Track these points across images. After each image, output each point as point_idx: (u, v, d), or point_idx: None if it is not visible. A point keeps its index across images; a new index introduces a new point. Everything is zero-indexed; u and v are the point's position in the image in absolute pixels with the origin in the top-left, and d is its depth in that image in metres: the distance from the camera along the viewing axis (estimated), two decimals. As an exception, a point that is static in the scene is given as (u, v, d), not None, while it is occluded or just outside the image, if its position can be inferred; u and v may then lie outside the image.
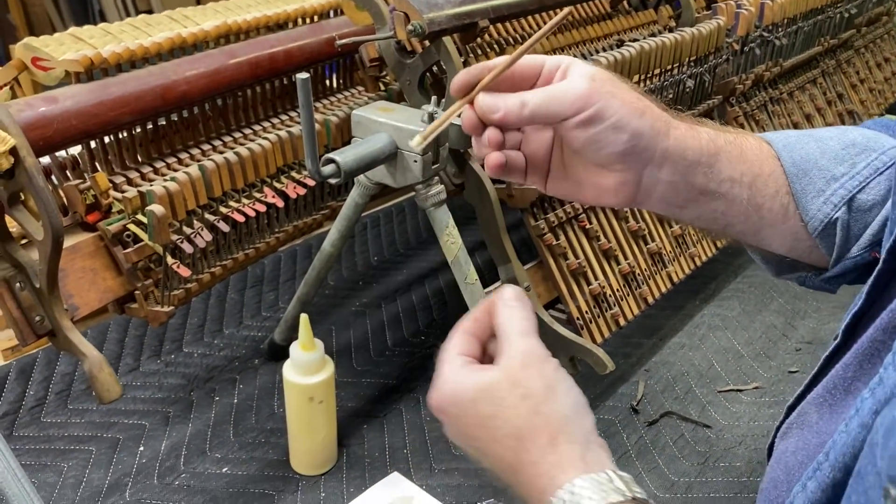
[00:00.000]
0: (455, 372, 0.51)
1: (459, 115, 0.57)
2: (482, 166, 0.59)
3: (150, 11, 4.25)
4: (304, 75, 0.68)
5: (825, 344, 1.11)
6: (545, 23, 1.06)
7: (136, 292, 0.83)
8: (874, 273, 0.51)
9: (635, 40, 1.11)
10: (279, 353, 1.05)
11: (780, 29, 1.34)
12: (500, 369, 0.50)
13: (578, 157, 0.58)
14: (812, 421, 0.55)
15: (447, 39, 0.86)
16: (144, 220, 0.81)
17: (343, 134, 1.01)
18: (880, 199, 0.61)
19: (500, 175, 0.60)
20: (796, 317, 1.17)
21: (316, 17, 1.05)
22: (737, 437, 0.94)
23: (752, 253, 0.70)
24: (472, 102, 0.55)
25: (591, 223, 0.98)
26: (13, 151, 0.68)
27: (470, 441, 0.52)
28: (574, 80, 0.54)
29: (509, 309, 0.53)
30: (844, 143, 0.63)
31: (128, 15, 3.98)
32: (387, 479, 0.85)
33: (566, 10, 0.53)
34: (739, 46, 1.25)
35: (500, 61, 0.55)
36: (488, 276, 0.92)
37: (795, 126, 1.45)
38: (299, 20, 1.03)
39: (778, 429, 0.61)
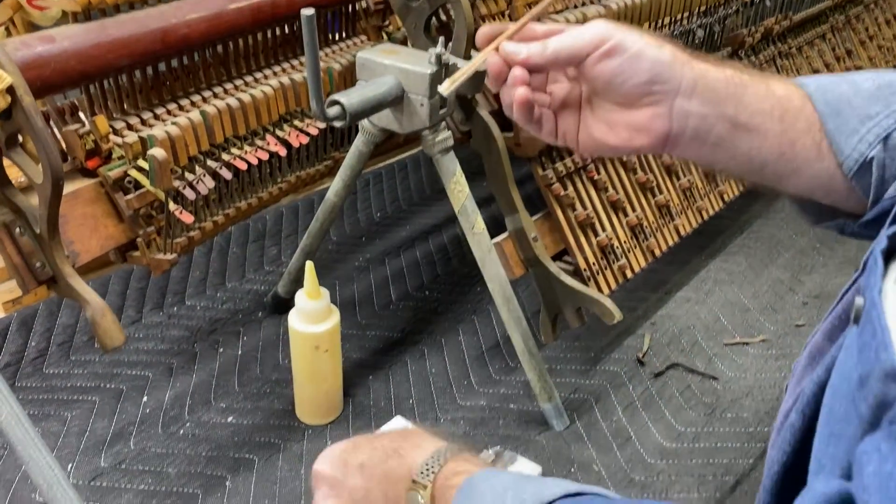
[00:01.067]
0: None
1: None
2: (509, 114, 0.58)
3: None
4: (308, 11, 0.66)
5: (832, 298, 1.10)
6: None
7: (138, 240, 0.82)
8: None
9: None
10: (283, 306, 1.04)
11: (790, -20, 1.31)
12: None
13: (606, 99, 0.57)
14: (825, 350, 0.55)
15: (454, -19, 0.84)
16: (145, 165, 0.79)
17: (346, 82, 0.99)
18: None
19: (529, 121, 0.58)
20: (803, 271, 1.17)
21: (318, -37, 1.03)
22: (744, 388, 0.93)
23: (790, 202, 0.68)
24: (496, 50, 0.56)
25: (599, 174, 0.97)
26: (10, 90, 0.66)
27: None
28: (592, 23, 0.55)
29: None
30: (878, 84, 0.62)
31: None
32: (391, 423, 0.84)
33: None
34: (749, -2, 1.22)
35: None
36: (494, 233, 0.91)
37: (804, 81, 1.43)
38: (301, -35, 1.00)
39: (800, 376, 0.60)
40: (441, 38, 0.78)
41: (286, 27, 0.98)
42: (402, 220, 1.29)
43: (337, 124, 0.74)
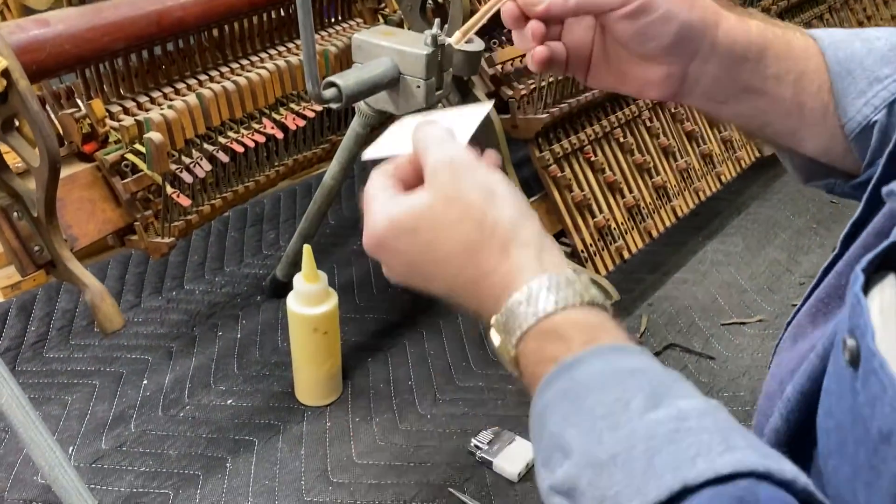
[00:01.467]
0: (385, 205, 0.47)
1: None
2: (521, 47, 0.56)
3: None
4: (303, -8, 0.66)
5: (829, 278, 1.11)
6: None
7: (136, 224, 0.82)
8: (873, 179, 0.49)
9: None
10: (281, 290, 1.05)
11: (788, -40, 1.30)
12: (429, 188, 0.47)
13: (623, 50, 0.56)
14: (807, 332, 0.55)
15: (450, -38, 0.84)
16: (142, 149, 0.79)
17: (342, 64, 0.98)
18: None
19: (543, 69, 0.58)
20: (800, 252, 1.17)
21: (314, -56, 1.02)
22: (740, 368, 0.94)
23: (782, 158, 0.68)
24: None
25: (596, 155, 0.97)
26: (5, 73, 0.66)
27: (416, 270, 0.48)
28: None
29: (424, 126, 0.50)
30: (892, 45, 0.61)
31: None
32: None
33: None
34: (746, -23, 1.22)
35: None
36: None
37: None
38: (296, -53, 1.00)
39: (777, 346, 0.60)
40: (437, 20, 0.78)
41: (282, 10, 0.98)
42: (399, 203, 1.29)
43: (333, 106, 0.74)
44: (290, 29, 1.02)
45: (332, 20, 1.08)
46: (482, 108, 0.54)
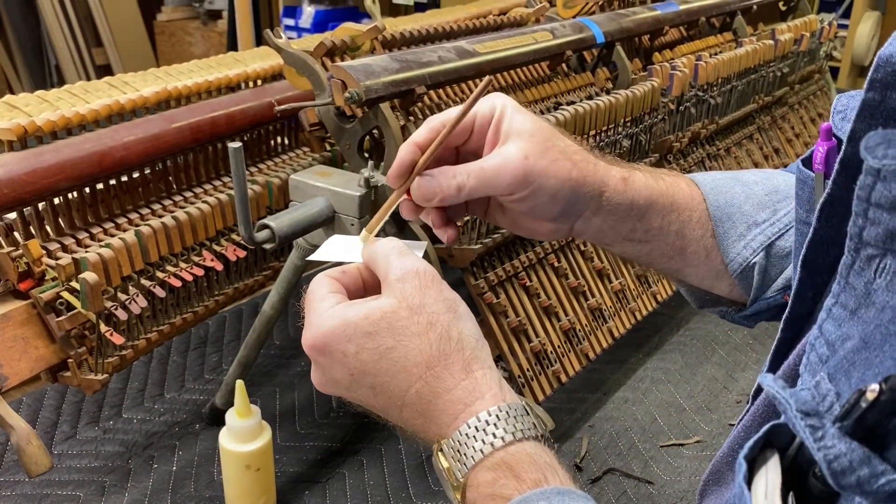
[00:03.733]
0: (335, 307, 0.47)
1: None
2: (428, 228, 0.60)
3: (107, 66, 4.18)
4: (235, 144, 0.69)
5: (764, 396, 1.13)
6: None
7: (70, 360, 0.82)
8: (775, 342, 0.52)
9: (572, 103, 1.14)
10: (220, 418, 1.03)
11: (714, 88, 1.39)
12: (392, 295, 0.46)
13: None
14: (727, 479, 0.57)
15: (384, 105, 0.88)
16: (78, 287, 0.80)
17: (286, 195, 1.01)
18: None
19: (452, 242, 0.61)
20: (737, 369, 1.20)
21: (259, 82, 1.07)
22: (678, 492, 0.94)
23: (677, 285, 0.72)
24: (408, 191, 0.56)
25: (531, 280, 1.00)
26: (-62, 222, 0.67)
27: (362, 379, 0.47)
28: (509, 158, 0.54)
29: (381, 241, 0.50)
30: (768, 189, 0.67)
31: (84, 69, 3.97)
32: (329, 243, 0.72)
33: (486, 79, 0.54)
34: (675, 106, 1.29)
35: (425, 139, 0.56)
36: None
37: (733, 181, 1.50)
38: (242, 85, 1.04)
39: (701, 491, 0.62)
40: (371, 163, 0.81)
41: (227, 141, 1.02)
42: (346, 322, 1.30)
43: (267, 247, 0.76)
44: (235, 159, 1.05)
45: (279, 149, 1.12)
46: (420, 246, 0.56)
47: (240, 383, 0.80)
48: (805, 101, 1.90)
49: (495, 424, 0.44)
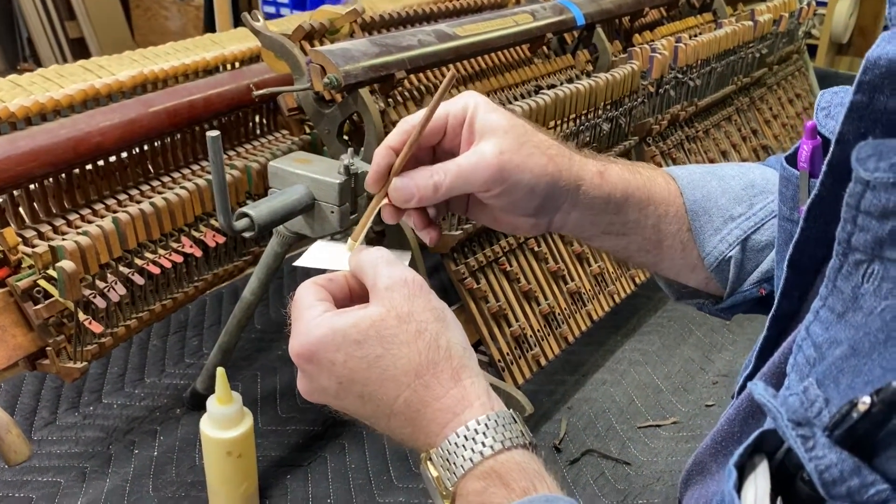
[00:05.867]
0: (323, 315, 0.47)
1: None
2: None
3: (81, 39, 4.10)
4: (213, 133, 0.68)
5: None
6: (466, 72, 1.08)
7: (48, 348, 0.82)
8: (760, 339, 0.53)
9: (552, 86, 1.14)
10: (201, 403, 1.03)
11: (693, 70, 1.39)
12: (381, 304, 0.47)
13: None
14: (712, 470, 0.58)
15: (364, 91, 0.88)
16: (55, 275, 0.79)
17: (265, 180, 1.01)
18: (773, 240, 0.64)
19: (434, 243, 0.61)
20: (713, 350, 1.21)
21: (237, 64, 1.06)
22: (655, 473, 0.96)
23: (656, 277, 0.73)
24: (387, 195, 0.56)
25: (511, 266, 1.00)
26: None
27: (350, 388, 0.47)
28: (484, 155, 0.54)
29: (368, 250, 0.50)
30: (744, 184, 0.67)
31: (58, 42, 3.90)
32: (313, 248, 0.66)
33: (450, 73, 0.54)
34: (654, 88, 1.29)
35: (399, 140, 0.56)
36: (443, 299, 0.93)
37: (711, 163, 1.51)
38: (220, 67, 1.03)
39: (685, 480, 0.63)
40: (350, 149, 0.81)
41: (205, 124, 1.01)
42: (327, 305, 1.30)
43: (246, 235, 0.76)
44: (213, 143, 1.04)
45: (258, 132, 1.11)
46: (406, 255, 0.57)
47: (220, 370, 0.80)
48: (783, 81, 1.91)
49: (484, 433, 0.45)
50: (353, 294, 0.52)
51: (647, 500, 0.92)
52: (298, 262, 0.56)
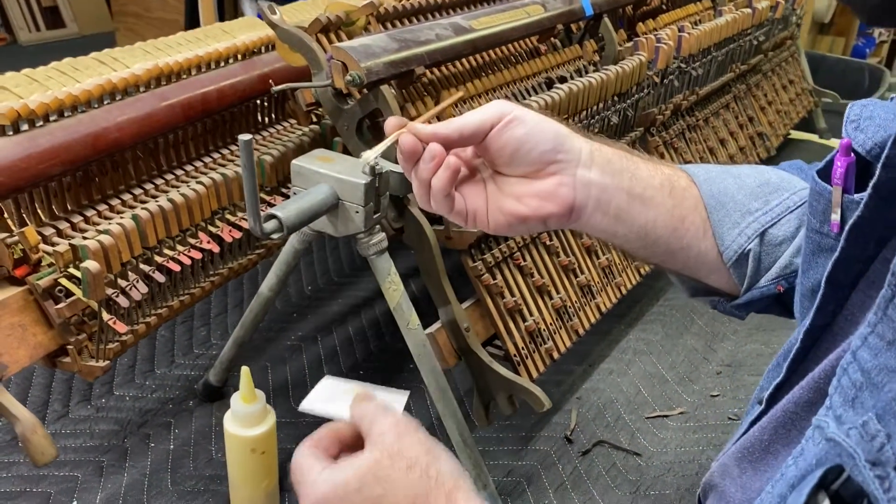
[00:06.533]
0: (325, 470, 0.51)
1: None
2: (420, 194, 0.61)
3: (55, 8, 3.98)
4: (246, 137, 0.67)
5: (743, 366, 1.18)
6: (477, 64, 1.08)
7: (69, 347, 0.81)
8: (792, 350, 0.54)
9: (563, 78, 1.14)
10: (214, 395, 1.04)
11: (696, 59, 1.40)
12: (374, 449, 0.51)
13: (511, 173, 0.61)
14: (734, 475, 0.59)
15: (385, 87, 0.87)
16: (77, 273, 0.78)
17: (277, 173, 1.00)
18: (790, 235, 0.66)
19: (446, 206, 0.61)
20: (715, 339, 1.24)
21: (248, 54, 1.04)
22: (665, 464, 0.98)
23: (670, 275, 0.73)
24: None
25: (525, 260, 1.01)
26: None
27: None
28: (489, 103, 0.60)
29: (365, 401, 0.55)
30: (760, 182, 0.68)
31: (31, 11, 3.79)
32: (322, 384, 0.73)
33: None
34: (659, 78, 1.30)
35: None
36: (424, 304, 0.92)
37: (711, 151, 1.52)
38: (231, 58, 1.01)
39: (707, 483, 0.64)
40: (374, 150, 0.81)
41: (216, 115, 0.99)
42: (333, 293, 1.31)
43: (275, 237, 0.76)
44: (224, 133, 1.03)
45: (266, 122, 1.10)
46: (403, 396, 0.62)
47: (245, 370, 0.80)
48: (777, 67, 1.92)
49: None
50: (344, 443, 0.56)
51: (660, 492, 0.94)
52: (303, 406, 0.61)
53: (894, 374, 0.37)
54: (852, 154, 0.52)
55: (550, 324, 1.03)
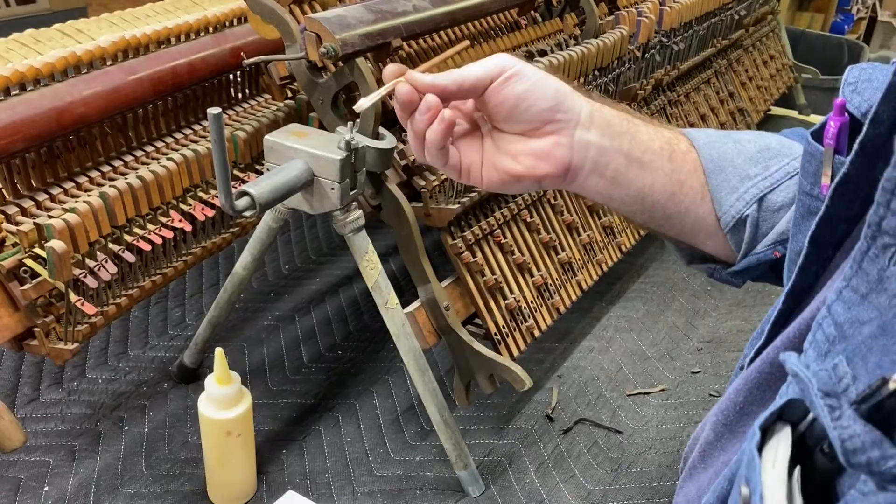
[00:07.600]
0: None
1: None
2: (416, 147, 0.59)
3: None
4: (215, 110, 0.65)
5: (724, 343, 1.18)
6: (456, 37, 1.06)
7: (36, 329, 0.79)
8: (773, 312, 0.53)
9: (543, 52, 1.12)
10: (189, 376, 1.02)
11: (677, 34, 1.38)
12: None
13: (509, 129, 0.59)
14: (711, 439, 0.58)
15: (361, 60, 0.85)
16: (42, 253, 0.76)
17: (251, 149, 0.98)
18: (789, 201, 0.65)
19: (440, 159, 0.59)
20: (696, 316, 1.23)
21: (220, 27, 1.01)
22: (646, 441, 0.98)
23: (667, 241, 0.72)
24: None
25: (505, 238, 0.99)
26: None
27: None
28: (492, 56, 0.58)
29: None
30: (760, 147, 0.67)
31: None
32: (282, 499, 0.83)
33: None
34: (640, 53, 1.28)
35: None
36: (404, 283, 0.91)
37: (691, 127, 1.51)
38: (202, 31, 0.98)
39: (688, 454, 0.63)
40: (350, 123, 0.79)
41: (187, 90, 0.97)
42: (311, 272, 1.29)
43: (247, 214, 0.73)
44: (195, 108, 1.00)
45: (240, 96, 1.07)
46: None
47: (219, 351, 0.79)
48: (758, 42, 1.91)
49: None
50: None
51: (641, 469, 0.94)
52: None
53: (864, 325, 0.36)
54: (846, 115, 0.50)
55: (531, 301, 1.02)
